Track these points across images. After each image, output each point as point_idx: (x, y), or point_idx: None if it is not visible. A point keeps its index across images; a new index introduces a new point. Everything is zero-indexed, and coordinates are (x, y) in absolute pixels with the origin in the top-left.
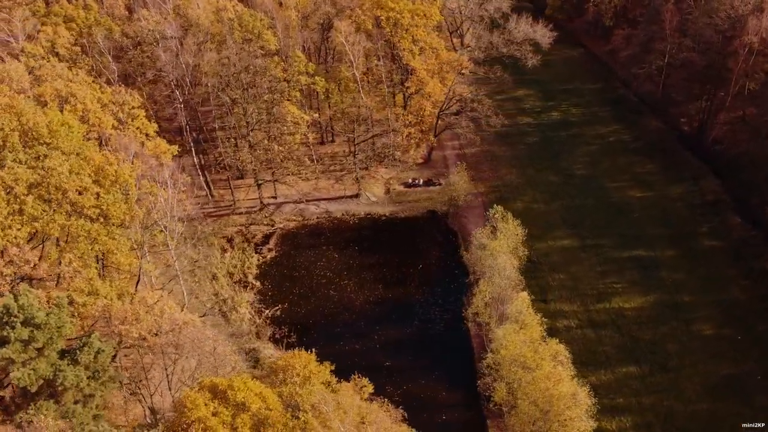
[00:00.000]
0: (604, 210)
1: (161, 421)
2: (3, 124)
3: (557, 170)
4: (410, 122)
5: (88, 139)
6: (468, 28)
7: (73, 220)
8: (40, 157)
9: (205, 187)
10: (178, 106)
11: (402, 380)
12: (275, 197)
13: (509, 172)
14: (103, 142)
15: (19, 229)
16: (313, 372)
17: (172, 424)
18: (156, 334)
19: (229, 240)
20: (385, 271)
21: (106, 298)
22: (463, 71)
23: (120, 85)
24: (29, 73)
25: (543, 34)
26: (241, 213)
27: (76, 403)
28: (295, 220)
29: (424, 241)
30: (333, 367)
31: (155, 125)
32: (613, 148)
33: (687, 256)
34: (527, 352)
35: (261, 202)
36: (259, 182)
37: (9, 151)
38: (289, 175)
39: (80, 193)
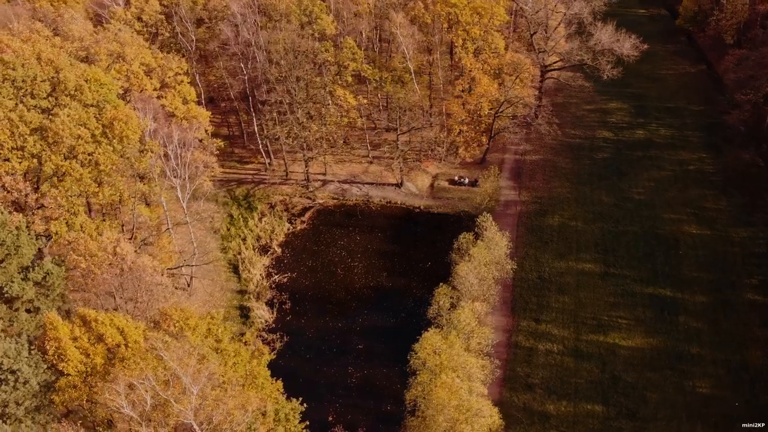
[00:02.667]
0: (647, 241)
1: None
2: (36, 74)
3: (614, 191)
4: (464, 120)
5: (126, 100)
6: (553, 31)
7: (66, 162)
8: (61, 106)
9: (264, 156)
10: (242, 77)
11: (366, 365)
12: (324, 174)
13: (561, 185)
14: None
15: (19, 162)
16: (189, 325)
17: (35, 339)
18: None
19: (272, 206)
20: (395, 261)
21: (84, 232)
22: (522, 75)
23: (174, 53)
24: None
25: (628, 47)
26: (290, 184)
27: (27, 312)
28: (335, 199)
29: (444, 239)
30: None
31: (194, 91)
32: (688, 176)
33: (718, 306)
34: (436, 358)
35: (307, 177)
36: (306, 158)
37: (30, 98)
38: (325, 154)
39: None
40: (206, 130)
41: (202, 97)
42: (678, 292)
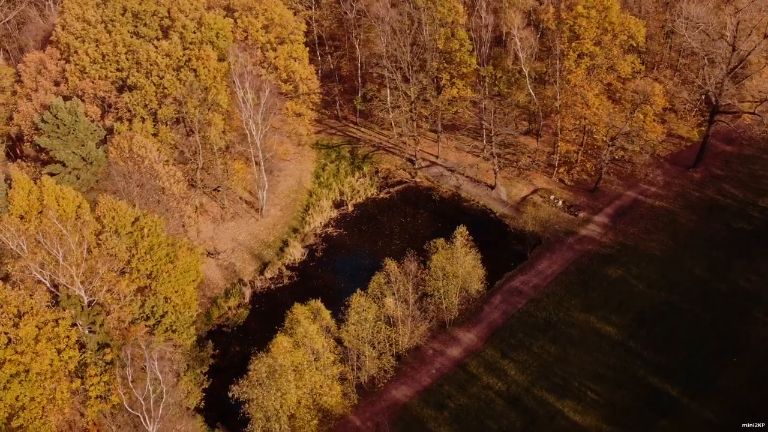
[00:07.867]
0: (706, 332)
1: None
2: (156, 10)
3: (717, 267)
4: (571, 139)
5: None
6: (733, 67)
7: (144, 79)
8: (166, 39)
9: (394, 126)
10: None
11: None
12: (436, 156)
13: (660, 240)
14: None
15: (114, 72)
16: (109, 215)
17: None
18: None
19: (376, 172)
20: None
21: (141, 134)
22: (656, 108)
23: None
24: None
25: None
26: (402, 157)
27: (77, 178)
28: (429, 181)
29: (495, 250)
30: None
31: (304, 51)
32: None
33: (730, 427)
34: (300, 325)
35: (415, 155)
36: (413, 136)
37: (144, 26)
38: (411, 136)
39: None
40: (306, 85)
41: (359, 61)
42: (688, 397)
